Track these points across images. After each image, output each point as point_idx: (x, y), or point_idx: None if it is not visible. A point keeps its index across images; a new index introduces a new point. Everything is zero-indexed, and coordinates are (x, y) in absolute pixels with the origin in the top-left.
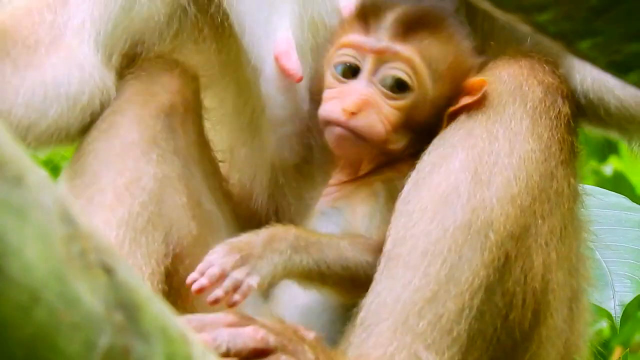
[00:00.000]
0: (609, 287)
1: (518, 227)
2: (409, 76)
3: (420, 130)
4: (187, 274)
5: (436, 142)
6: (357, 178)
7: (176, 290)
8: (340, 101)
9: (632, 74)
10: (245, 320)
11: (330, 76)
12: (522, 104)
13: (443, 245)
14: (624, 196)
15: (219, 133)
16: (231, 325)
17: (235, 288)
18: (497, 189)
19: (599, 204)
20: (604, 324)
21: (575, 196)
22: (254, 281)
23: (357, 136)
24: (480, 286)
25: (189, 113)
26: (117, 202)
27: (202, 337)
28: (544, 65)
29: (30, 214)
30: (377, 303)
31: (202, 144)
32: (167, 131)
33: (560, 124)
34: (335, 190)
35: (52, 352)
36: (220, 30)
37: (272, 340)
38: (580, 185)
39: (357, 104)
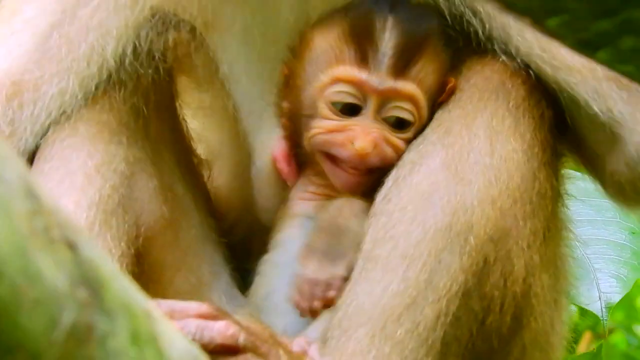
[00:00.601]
0: (594, 287)
1: (498, 230)
2: (412, 113)
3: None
4: (160, 257)
5: (417, 139)
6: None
7: (147, 273)
8: (347, 139)
9: (600, 52)
10: (219, 314)
11: (325, 108)
12: (504, 101)
13: (423, 248)
14: None
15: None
16: (202, 316)
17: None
18: (478, 190)
19: (577, 191)
20: (572, 308)
21: (558, 197)
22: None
23: (370, 171)
24: (458, 292)
25: (161, 97)
26: (87, 184)
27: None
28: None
29: None
30: (355, 306)
31: (175, 129)
32: (137, 115)
33: (544, 125)
34: (318, 197)
35: (14, 329)
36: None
37: (242, 338)
38: (564, 186)
39: (372, 144)
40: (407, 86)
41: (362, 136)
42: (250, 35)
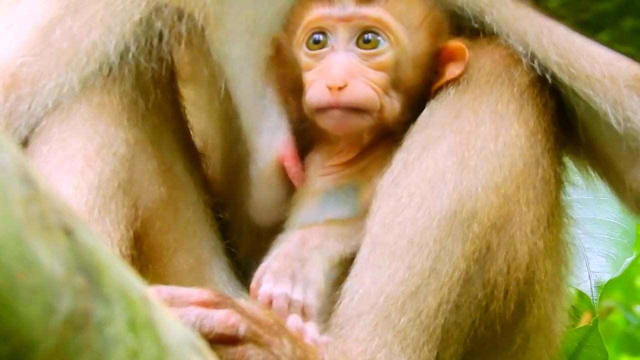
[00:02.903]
0: (584, 267)
1: (501, 217)
2: (383, 32)
3: (409, 92)
4: (159, 238)
5: (424, 120)
6: (360, 155)
7: (146, 254)
8: (323, 80)
9: (602, 34)
10: (221, 302)
11: (304, 57)
12: (510, 86)
13: (429, 235)
14: None
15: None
16: (204, 304)
17: (300, 310)
18: (483, 177)
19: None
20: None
21: (560, 184)
22: (311, 296)
23: (353, 110)
24: (460, 279)
25: (162, 79)
26: (87, 168)
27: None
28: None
29: None
30: (361, 293)
31: (173, 106)
32: (137, 96)
33: (547, 113)
34: (338, 169)
35: (11, 316)
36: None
37: (243, 329)
38: (566, 173)
39: (341, 77)
40: (372, 10)
41: (332, 69)
42: (254, 34)
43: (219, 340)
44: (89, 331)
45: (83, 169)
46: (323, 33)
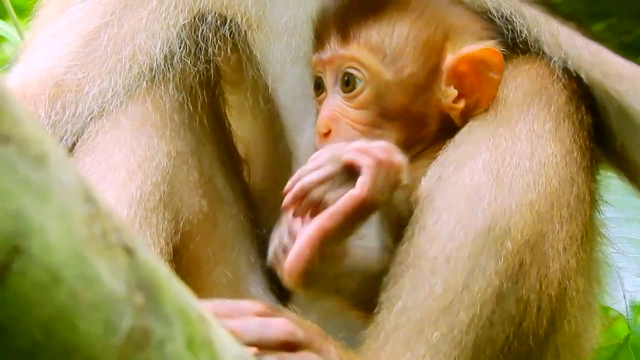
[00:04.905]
0: (619, 286)
1: (535, 234)
2: (358, 70)
3: (404, 115)
4: (198, 251)
5: (461, 136)
6: None
7: (185, 268)
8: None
9: None
10: (275, 311)
11: (314, 101)
12: (546, 105)
13: (464, 251)
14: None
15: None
16: (260, 314)
17: None
18: (517, 194)
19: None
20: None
21: (594, 202)
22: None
23: None
24: (492, 295)
25: (206, 91)
26: (129, 181)
27: (230, 325)
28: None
29: (52, 193)
30: (399, 306)
31: (217, 114)
32: (181, 107)
33: (583, 131)
34: None
35: (73, 333)
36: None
37: (300, 335)
38: (599, 191)
39: (323, 124)
40: (348, 51)
41: (320, 116)
42: (293, 33)
43: (281, 348)
44: (150, 349)
45: (125, 181)
46: (320, 77)
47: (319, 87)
